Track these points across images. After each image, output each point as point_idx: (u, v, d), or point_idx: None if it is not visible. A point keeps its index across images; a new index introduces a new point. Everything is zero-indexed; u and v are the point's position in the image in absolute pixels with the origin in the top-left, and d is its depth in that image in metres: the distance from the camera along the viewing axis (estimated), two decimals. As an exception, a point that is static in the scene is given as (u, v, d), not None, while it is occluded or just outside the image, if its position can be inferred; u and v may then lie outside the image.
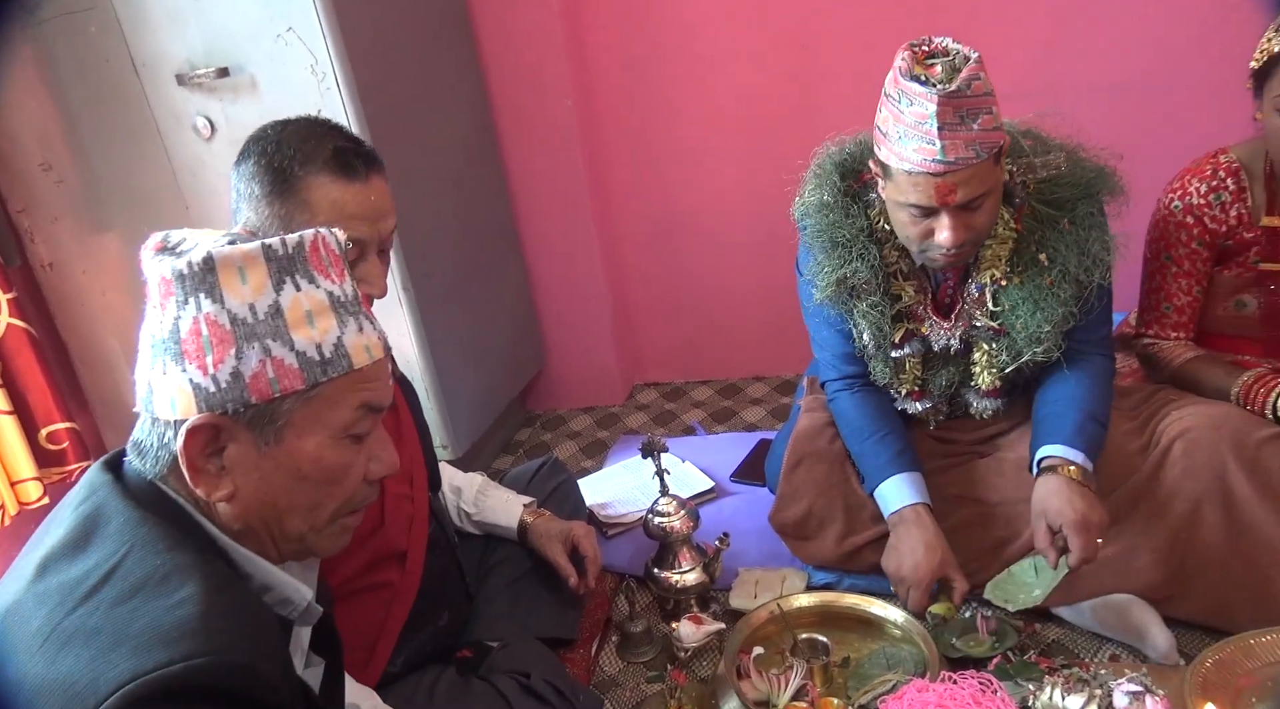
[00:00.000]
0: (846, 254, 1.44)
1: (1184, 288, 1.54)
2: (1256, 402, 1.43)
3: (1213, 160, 1.52)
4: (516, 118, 2.28)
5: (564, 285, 2.45)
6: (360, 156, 1.15)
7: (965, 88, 1.22)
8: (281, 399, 0.75)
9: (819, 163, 1.49)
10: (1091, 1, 2.04)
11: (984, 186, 1.29)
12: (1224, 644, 1.30)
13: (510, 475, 1.69)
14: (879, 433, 1.51)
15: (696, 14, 2.22)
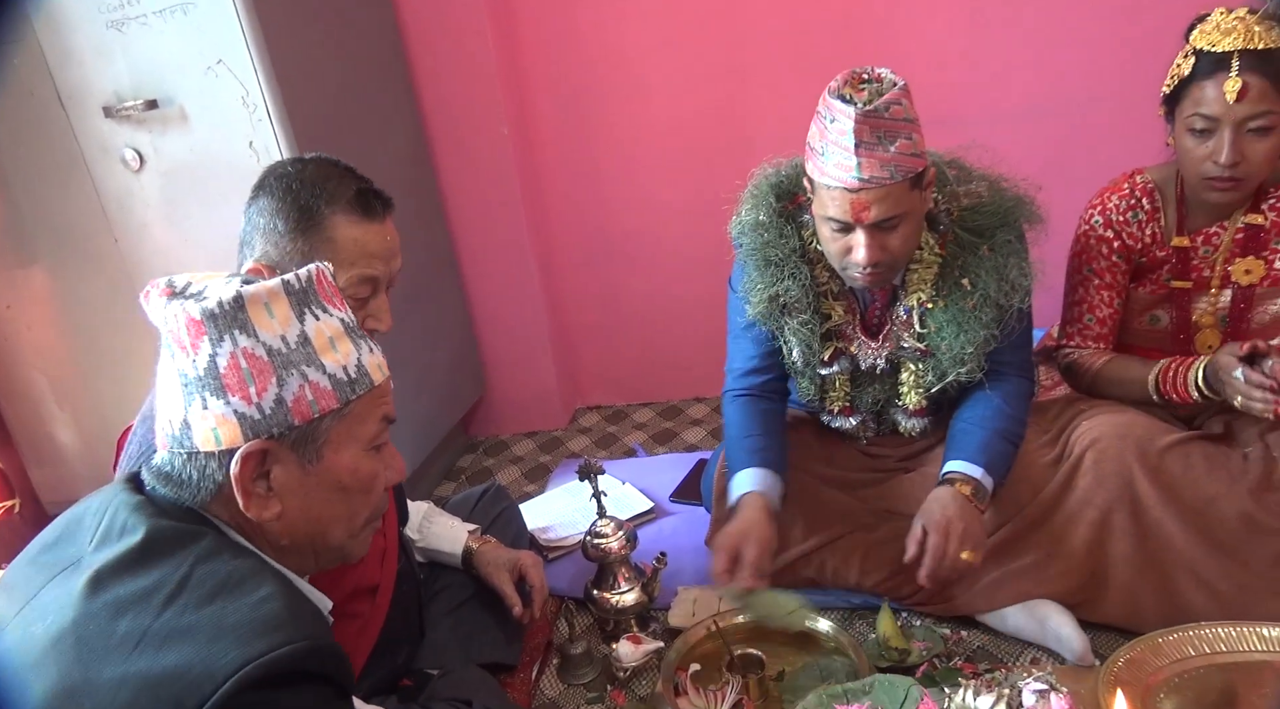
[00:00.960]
0: (779, 272, 1.49)
1: (1105, 300, 1.61)
2: (1177, 381, 1.48)
3: (1130, 180, 1.60)
4: (453, 146, 2.31)
5: (504, 311, 2.47)
6: (379, 197, 1.21)
7: (884, 110, 1.29)
8: (320, 419, 0.83)
9: (755, 183, 1.55)
10: (1011, 32, 2.15)
11: (898, 208, 1.34)
12: (1134, 644, 1.37)
13: (453, 502, 1.70)
14: (752, 435, 1.55)
15: (631, 43, 2.28)
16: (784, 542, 1.59)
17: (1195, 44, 1.43)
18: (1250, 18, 1.40)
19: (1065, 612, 1.44)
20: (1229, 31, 1.40)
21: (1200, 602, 1.42)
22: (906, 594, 1.55)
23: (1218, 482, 1.43)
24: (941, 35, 2.18)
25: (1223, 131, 1.40)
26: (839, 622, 1.56)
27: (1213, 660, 1.35)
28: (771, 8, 2.21)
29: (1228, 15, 1.42)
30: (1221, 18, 1.43)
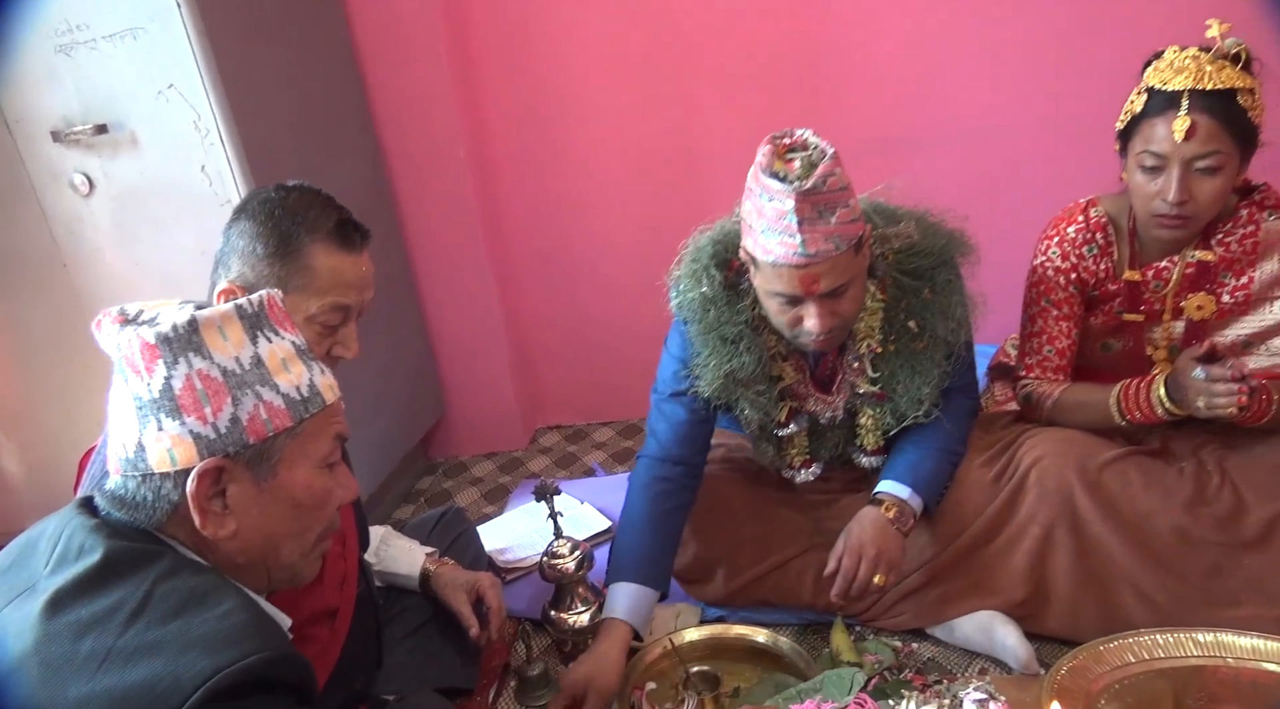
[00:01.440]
0: (735, 348, 1.47)
1: (1064, 331, 1.62)
2: (1140, 399, 1.50)
3: (1084, 212, 1.60)
4: (410, 169, 2.32)
5: (463, 332, 2.48)
6: (358, 229, 1.24)
7: (821, 184, 1.28)
8: (275, 437, 0.86)
9: (694, 257, 1.50)
10: (957, 56, 2.21)
11: (846, 275, 1.35)
12: (1077, 652, 1.40)
13: (410, 526, 1.70)
14: (644, 537, 1.53)
15: (585, 69, 2.31)
16: (737, 565, 1.62)
17: (1148, 81, 1.46)
18: (1204, 57, 1.42)
19: (1011, 623, 1.48)
20: (1181, 70, 1.41)
21: (1139, 612, 1.46)
22: (860, 610, 1.58)
23: (1154, 497, 1.48)
24: (887, 60, 2.24)
25: (1171, 170, 1.41)
26: (793, 637, 1.59)
27: (1151, 666, 1.39)
28: (720, 35, 2.26)
29: (1181, 53, 1.44)
30: (1175, 56, 1.45)
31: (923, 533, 1.56)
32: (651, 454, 1.59)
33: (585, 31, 2.28)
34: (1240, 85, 1.39)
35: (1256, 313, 1.52)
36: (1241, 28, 1.48)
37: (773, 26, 2.24)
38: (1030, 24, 2.17)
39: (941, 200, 1.66)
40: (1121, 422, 1.53)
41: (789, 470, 1.63)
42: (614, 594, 1.50)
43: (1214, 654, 1.39)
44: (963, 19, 2.20)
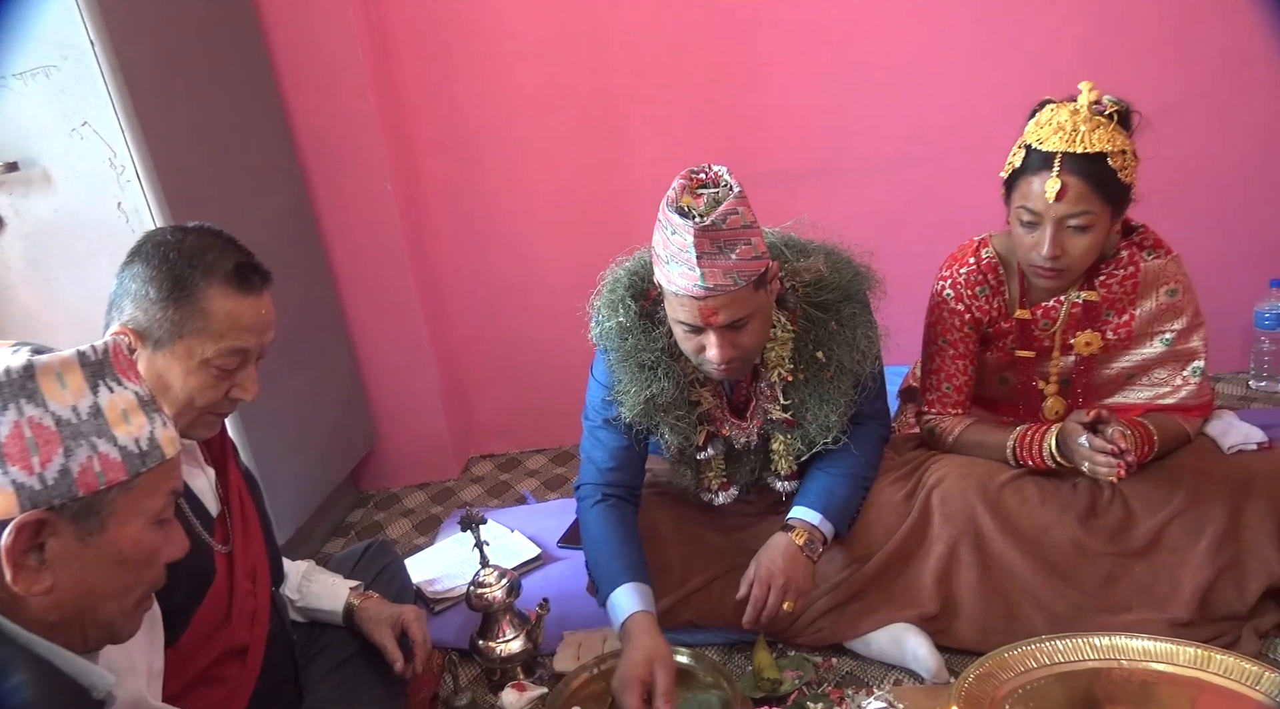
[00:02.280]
0: (653, 374, 1.51)
1: (960, 368, 1.70)
2: (1033, 448, 1.59)
3: (975, 253, 1.66)
4: (336, 202, 2.33)
5: (393, 363, 2.48)
6: (257, 272, 1.22)
7: (722, 222, 1.32)
8: (107, 491, 0.83)
9: (611, 287, 1.54)
10: (872, 87, 2.32)
11: (745, 310, 1.39)
12: (983, 660, 1.46)
13: (335, 560, 1.69)
14: (615, 546, 1.56)
15: (513, 102, 2.36)
16: (663, 588, 1.65)
17: (1027, 138, 1.51)
18: (1080, 115, 1.47)
19: (922, 634, 1.54)
20: (1057, 129, 1.46)
21: (1040, 621, 1.54)
22: (781, 628, 1.63)
23: (1049, 511, 1.57)
24: (805, 94, 2.34)
25: (1045, 226, 1.48)
26: (718, 656, 1.63)
27: (1052, 671, 1.46)
28: (648, 69, 2.33)
29: (1059, 110, 1.50)
30: (1053, 113, 1.50)
31: (839, 553, 1.62)
32: (592, 480, 1.63)
33: (513, 64, 2.33)
34: (1111, 148, 1.45)
35: (1139, 347, 1.62)
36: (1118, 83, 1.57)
37: (698, 61, 2.32)
38: (940, 61, 2.29)
39: (858, 226, 1.74)
40: (1016, 466, 1.62)
41: (707, 493, 1.67)
42: (618, 599, 1.49)
43: (1109, 657, 1.47)
44: (877, 56, 2.31)
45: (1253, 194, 2.35)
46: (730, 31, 2.30)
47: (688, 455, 1.61)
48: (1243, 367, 2.48)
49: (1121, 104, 1.51)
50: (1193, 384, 1.62)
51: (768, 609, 1.49)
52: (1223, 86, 2.27)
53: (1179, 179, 2.35)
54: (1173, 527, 1.54)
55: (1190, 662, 1.43)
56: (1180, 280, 1.60)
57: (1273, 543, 1.52)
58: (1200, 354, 1.62)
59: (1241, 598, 1.51)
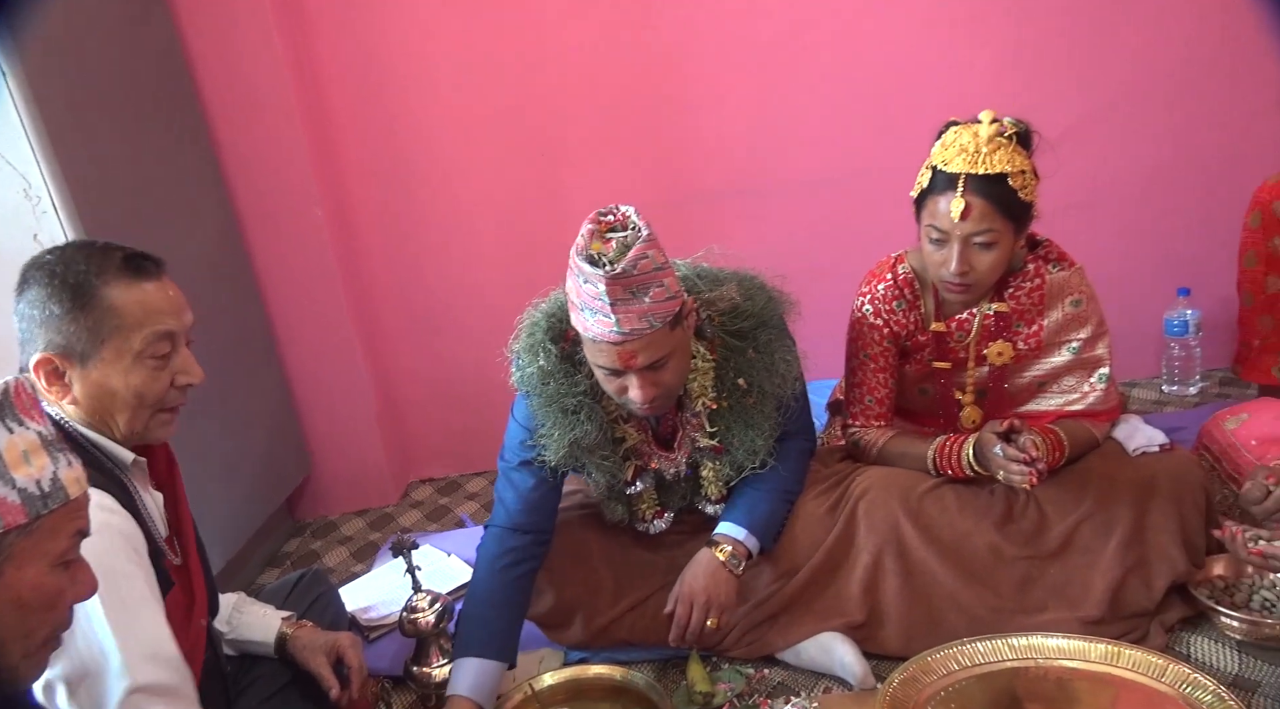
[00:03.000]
0: (576, 418, 1.51)
1: (881, 382, 1.75)
2: (951, 458, 1.64)
3: (892, 269, 1.71)
4: (266, 229, 2.31)
5: (327, 390, 2.46)
6: (147, 258, 1.21)
7: (632, 268, 1.32)
8: (4, 534, 0.80)
9: (529, 333, 1.54)
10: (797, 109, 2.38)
11: (663, 349, 1.40)
12: (907, 665, 1.52)
13: (268, 591, 1.67)
14: (489, 607, 1.54)
15: (444, 125, 2.37)
16: (596, 608, 1.67)
17: (933, 159, 1.57)
18: (982, 137, 1.51)
19: (849, 642, 1.58)
20: (961, 152, 1.52)
21: (962, 625, 1.59)
22: (713, 643, 1.65)
23: (968, 519, 1.62)
24: (733, 115, 2.39)
25: (952, 244, 1.54)
26: (653, 672, 1.65)
27: (972, 672, 1.52)
28: (581, 92, 2.37)
29: (963, 131, 1.56)
30: (958, 135, 1.55)
31: (767, 567, 1.65)
32: (500, 524, 1.60)
33: (444, 89, 2.35)
34: (1011, 169, 1.50)
35: (1048, 356, 1.69)
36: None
37: (629, 86, 2.36)
38: (859, 87, 2.37)
39: (782, 245, 1.80)
40: (936, 475, 1.67)
41: (642, 523, 1.68)
42: (458, 670, 1.49)
43: (1026, 657, 1.53)
44: (799, 81, 2.38)
45: (1157, 207, 2.47)
46: (659, 56, 2.35)
47: (617, 491, 1.62)
48: (1155, 372, 2.59)
49: (1021, 125, 1.57)
50: (1099, 390, 1.69)
51: (692, 626, 1.52)
52: (1125, 105, 2.39)
53: (1088, 193, 2.46)
54: (1083, 529, 1.61)
55: (1101, 658, 1.49)
56: (1084, 291, 1.67)
57: (1176, 541, 1.59)
58: (1105, 361, 1.69)
59: (1149, 595, 1.58)
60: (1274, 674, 1.47)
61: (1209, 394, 2.47)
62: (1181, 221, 2.45)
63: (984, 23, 2.33)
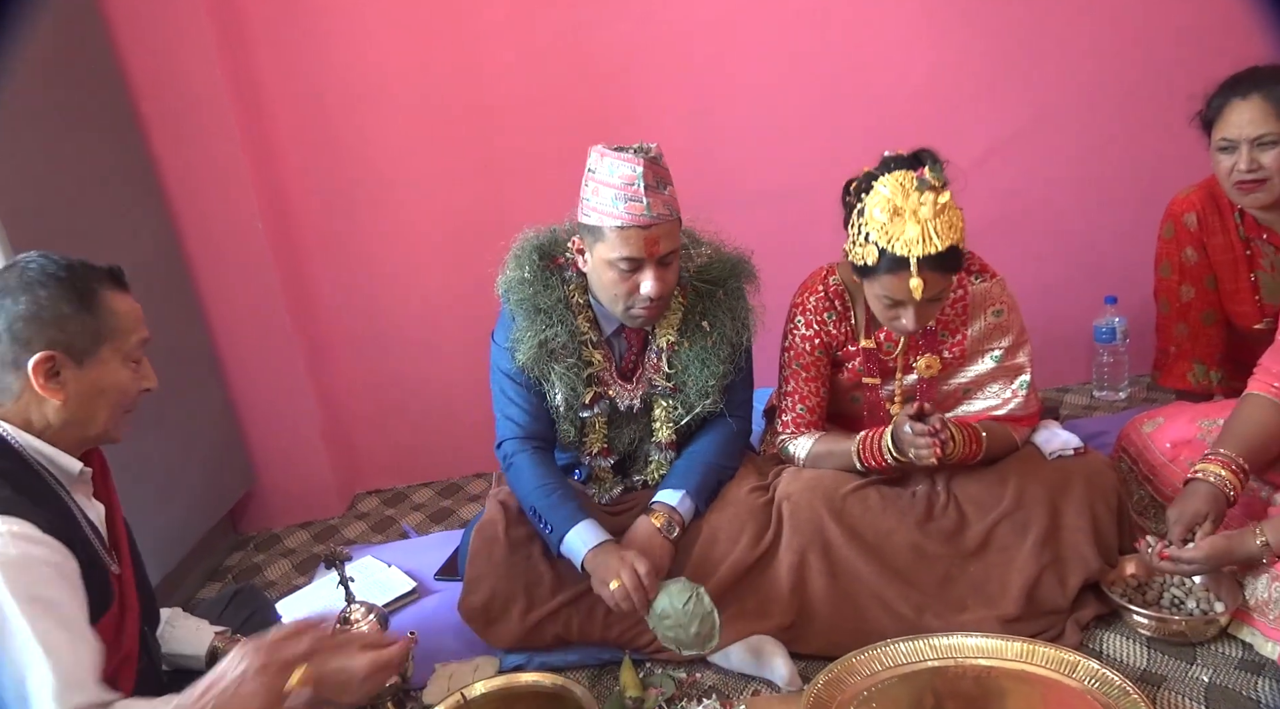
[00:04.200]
0: (548, 319, 1.65)
1: (813, 390, 1.79)
2: (873, 448, 1.69)
3: (824, 281, 1.76)
4: (206, 244, 2.31)
5: (271, 404, 2.45)
6: (123, 273, 1.32)
7: (659, 159, 1.55)
8: None
9: (519, 245, 1.70)
10: (735, 124, 2.44)
11: (675, 243, 1.58)
12: (832, 666, 1.55)
13: (202, 607, 1.66)
14: (558, 487, 1.67)
15: (386, 140, 2.39)
16: (533, 600, 1.69)
17: (876, 237, 1.53)
18: (921, 213, 1.49)
19: (776, 643, 1.61)
20: (909, 243, 1.49)
21: (886, 624, 1.63)
22: (645, 643, 1.68)
23: (890, 518, 1.67)
24: (673, 128, 2.43)
25: (909, 307, 1.56)
26: (588, 679, 1.67)
27: (895, 672, 1.56)
28: (523, 107, 2.40)
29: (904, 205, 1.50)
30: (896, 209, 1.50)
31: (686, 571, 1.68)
32: (512, 434, 1.72)
33: (387, 101, 2.37)
34: (956, 237, 1.52)
35: (972, 364, 1.75)
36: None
37: (571, 100, 2.40)
38: (794, 104, 2.43)
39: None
40: (861, 468, 1.72)
41: (586, 456, 1.77)
42: (577, 536, 1.60)
43: (947, 656, 1.57)
44: (734, 96, 2.43)
45: (1084, 219, 2.55)
46: (601, 69, 2.39)
47: (574, 411, 1.70)
48: (1087, 378, 2.67)
49: (938, 171, 1.55)
50: (1020, 397, 1.75)
51: (632, 595, 1.56)
52: (1049, 122, 2.47)
53: (1018, 206, 2.54)
54: (1001, 528, 1.66)
55: (1017, 655, 1.54)
56: (1005, 301, 1.73)
57: (1089, 541, 1.65)
58: (1026, 369, 1.75)
59: (1064, 592, 1.63)
60: (1181, 669, 1.53)
61: (1137, 399, 2.55)
62: (1107, 232, 2.54)
63: (913, 44, 2.41)
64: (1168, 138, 2.02)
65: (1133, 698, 1.39)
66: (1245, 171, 1.75)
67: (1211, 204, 1.92)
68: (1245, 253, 1.91)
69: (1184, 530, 1.55)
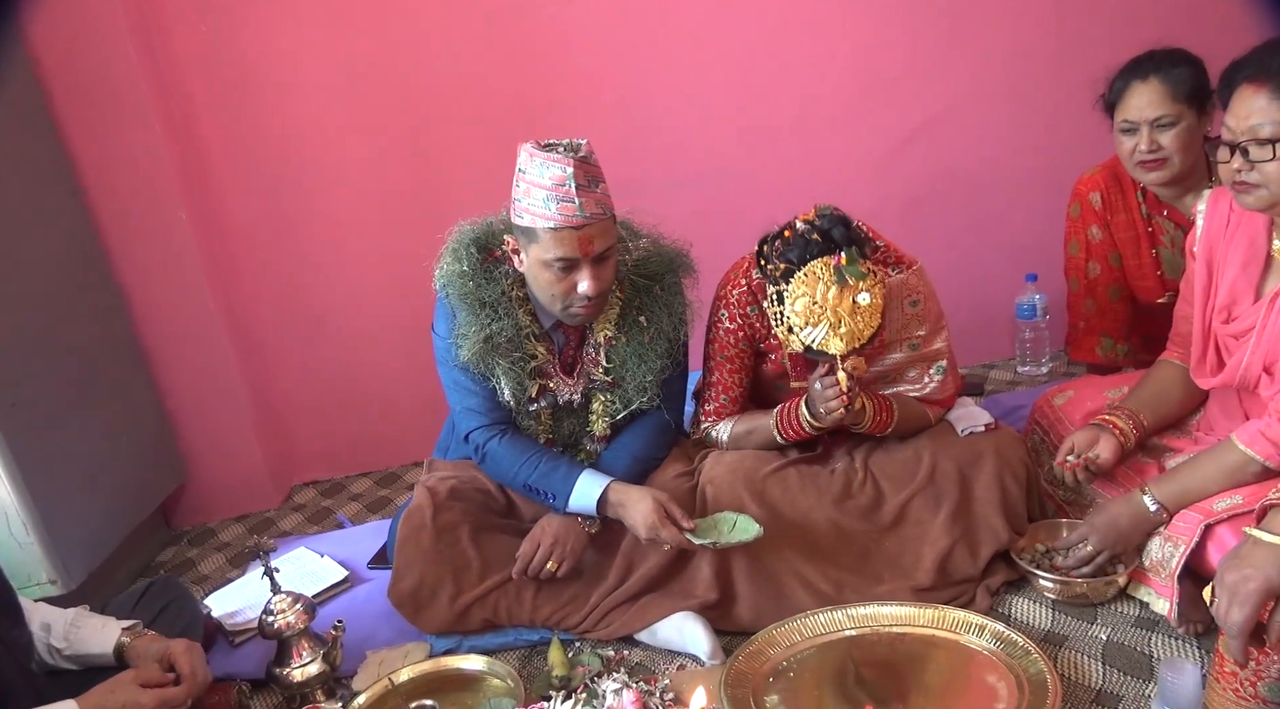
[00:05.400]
0: (493, 313, 1.65)
1: (736, 381, 1.82)
2: (791, 418, 1.73)
3: (746, 274, 1.78)
4: (128, 235, 2.26)
5: (201, 397, 2.43)
6: None
7: (589, 157, 1.54)
8: None
9: (456, 238, 1.69)
10: (668, 110, 2.46)
11: (610, 240, 1.58)
12: (753, 639, 1.60)
13: (115, 602, 1.65)
14: (541, 455, 1.71)
15: (314, 127, 2.36)
16: (462, 585, 1.71)
17: (799, 336, 1.53)
18: (843, 306, 1.48)
19: (699, 620, 1.65)
20: (832, 344, 1.51)
21: (807, 599, 1.68)
22: (574, 623, 1.71)
23: (809, 496, 1.72)
24: (606, 113, 2.45)
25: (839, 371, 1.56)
26: (518, 661, 1.70)
27: (814, 643, 1.61)
28: (449, 95, 2.39)
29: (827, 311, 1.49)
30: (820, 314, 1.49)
31: (616, 557, 1.72)
32: (479, 424, 1.73)
33: (316, 90, 2.34)
34: (879, 320, 1.54)
35: (891, 353, 1.78)
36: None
37: (501, 86, 2.39)
38: (721, 89, 2.45)
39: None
40: (781, 439, 1.76)
41: None
42: (583, 488, 1.65)
43: (863, 625, 1.63)
44: (664, 80, 2.45)
45: (1004, 199, 2.62)
46: (531, 58, 2.39)
47: (521, 405, 1.72)
48: (1010, 354, 2.75)
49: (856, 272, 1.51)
50: (936, 381, 1.80)
51: (534, 564, 1.65)
52: (970, 105, 2.53)
53: (941, 187, 2.60)
54: (915, 503, 1.72)
55: (929, 622, 1.61)
56: (922, 290, 1.77)
57: (999, 513, 1.71)
58: (943, 354, 1.80)
59: (974, 563, 1.70)
60: (1082, 629, 1.60)
61: (1058, 373, 2.64)
62: (1026, 212, 2.62)
63: (838, 27, 2.44)
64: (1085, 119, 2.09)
65: (1033, 657, 1.46)
66: (1146, 152, 1.82)
67: (1115, 183, 1.99)
68: (1147, 230, 1.99)
69: (1066, 451, 1.67)
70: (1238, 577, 1.08)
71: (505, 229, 1.67)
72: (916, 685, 1.50)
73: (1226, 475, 1.46)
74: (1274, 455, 1.41)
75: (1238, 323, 1.52)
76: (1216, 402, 1.68)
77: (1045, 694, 1.38)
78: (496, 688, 1.59)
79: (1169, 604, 1.50)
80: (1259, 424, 1.46)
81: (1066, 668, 1.51)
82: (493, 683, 1.60)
